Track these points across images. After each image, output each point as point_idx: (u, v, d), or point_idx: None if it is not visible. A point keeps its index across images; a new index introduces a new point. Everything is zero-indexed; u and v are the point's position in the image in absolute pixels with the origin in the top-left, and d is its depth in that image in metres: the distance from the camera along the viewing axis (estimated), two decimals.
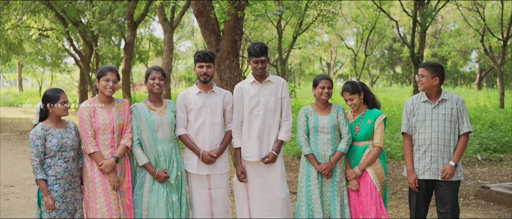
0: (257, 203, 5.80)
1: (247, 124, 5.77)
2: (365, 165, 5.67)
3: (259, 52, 5.69)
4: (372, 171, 5.66)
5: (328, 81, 5.79)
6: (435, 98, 5.54)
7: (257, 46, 5.71)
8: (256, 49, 5.69)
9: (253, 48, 5.72)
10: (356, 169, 5.70)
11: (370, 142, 5.72)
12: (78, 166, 5.42)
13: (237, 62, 10.19)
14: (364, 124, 5.73)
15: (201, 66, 5.71)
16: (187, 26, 38.96)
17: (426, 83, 5.50)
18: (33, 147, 5.11)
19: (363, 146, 5.72)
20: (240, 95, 5.79)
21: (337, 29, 32.51)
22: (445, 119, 5.47)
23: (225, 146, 5.84)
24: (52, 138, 5.19)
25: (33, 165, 5.12)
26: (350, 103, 5.76)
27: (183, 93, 5.85)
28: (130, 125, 5.55)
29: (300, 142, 5.81)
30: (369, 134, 5.71)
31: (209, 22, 9.91)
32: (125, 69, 19.87)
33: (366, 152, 5.70)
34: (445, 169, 5.42)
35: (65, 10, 19.30)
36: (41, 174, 5.11)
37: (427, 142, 5.51)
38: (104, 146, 5.38)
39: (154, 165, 5.51)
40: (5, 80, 57.15)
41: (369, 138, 5.72)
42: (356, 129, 5.76)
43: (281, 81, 5.89)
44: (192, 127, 5.73)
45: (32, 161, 5.13)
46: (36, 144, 5.11)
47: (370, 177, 5.65)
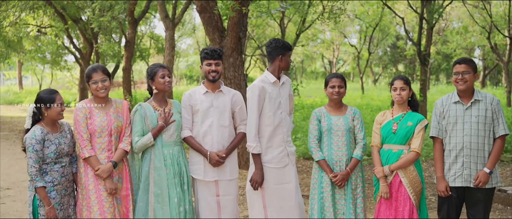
0: (275, 211, 5.37)
1: (271, 128, 5.33)
2: (397, 166, 5.20)
3: (291, 46, 5.43)
4: (406, 180, 5.20)
5: (339, 80, 5.41)
6: (468, 98, 5.10)
7: (287, 42, 5.42)
8: (289, 44, 5.42)
9: (285, 42, 5.41)
10: (386, 168, 5.23)
11: (406, 147, 5.25)
12: (72, 169, 5.08)
13: (241, 60, 9.89)
14: (404, 125, 5.26)
15: (209, 64, 5.34)
16: (188, 24, 38.61)
17: (470, 81, 5.04)
18: (33, 152, 4.75)
19: (397, 151, 5.26)
20: (263, 97, 5.31)
21: (340, 26, 32.15)
22: (479, 121, 5.02)
23: (235, 147, 5.45)
24: (50, 144, 4.86)
25: (32, 172, 4.76)
26: (398, 93, 5.27)
27: (188, 93, 5.46)
28: (130, 128, 5.19)
29: (310, 147, 5.44)
30: (407, 136, 5.24)
31: (213, 19, 9.67)
32: (126, 67, 19.51)
33: (401, 157, 5.25)
34: (478, 176, 4.98)
35: (64, 7, 18.96)
36: (41, 182, 4.76)
37: (459, 146, 5.07)
38: (100, 150, 5.01)
39: (158, 167, 5.13)
40: (5, 78, 56.80)
41: (405, 142, 5.25)
42: (393, 127, 5.29)
43: (289, 81, 5.60)
44: (199, 130, 5.35)
45: (30, 167, 4.76)
46: (36, 149, 4.76)
47: (404, 187, 5.21)
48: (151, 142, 5.13)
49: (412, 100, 5.42)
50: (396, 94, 5.29)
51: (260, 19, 24.58)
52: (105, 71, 5.10)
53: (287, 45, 5.38)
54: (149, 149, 5.19)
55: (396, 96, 5.30)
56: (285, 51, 5.36)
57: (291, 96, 5.59)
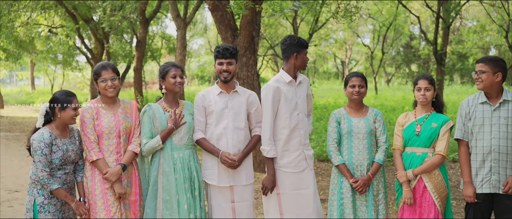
0: None
1: (288, 130, 5.04)
2: (422, 170, 4.89)
3: (306, 43, 5.11)
4: (431, 184, 4.90)
5: (360, 79, 5.13)
6: (495, 99, 4.79)
7: (303, 39, 5.12)
8: (306, 41, 5.12)
9: (305, 40, 5.12)
10: (409, 172, 4.93)
11: (430, 150, 4.94)
12: (76, 178, 4.84)
13: (255, 59, 9.68)
14: (428, 126, 4.95)
15: (221, 63, 5.07)
16: (200, 24, 38.44)
17: (486, 81, 4.73)
18: (41, 156, 4.50)
19: (421, 154, 4.95)
20: (278, 97, 5.03)
21: (353, 26, 31.83)
22: (508, 123, 4.69)
23: (250, 150, 5.15)
24: (57, 149, 4.61)
25: (43, 177, 4.51)
26: (423, 94, 4.96)
27: (202, 93, 5.18)
28: (139, 129, 4.94)
29: (329, 151, 5.15)
30: (431, 139, 4.93)
31: (225, 17, 9.50)
32: (137, 67, 19.34)
33: (425, 161, 4.94)
34: (508, 182, 4.65)
35: (76, 7, 18.82)
36: (54, 184, 4.54)
37: (486, 150, 4.75)
38: (108, 152, 4.77)
39: (167, 172, 4.85)
40: (18, 79, 56.97)
41: (429, 144, 4.94)
42: (417, 129, 4.97)
43: (307, 80, 5.29)
44: (213, 132, 5.06)
45: (40, 171, 4.51)
46: (45, 153, 4.51)
47: (428, 192, 4.90)
48: (160, 145, 4.86)
49: (437, 101, 5.12)
50: (420, 95, 4.99)
51: (273, 18, 24.30)
52: (115, 70, 4.86)
53: (303, 42, 5.08)
54: (158, 152, 4.93)
55: (420, 97, 5.00)
56: (300, 49, 5.06)
57: (310, 96, 5.30)
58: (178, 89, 5.02)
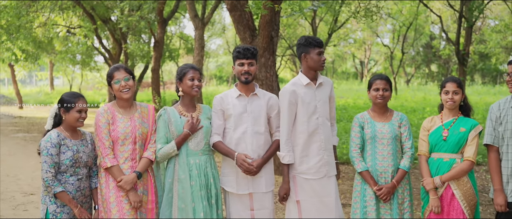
0: None
1: (306, 135, 4.81)
2: (450, 177, 4.65)
3: (322, 43, 4.85)
4: (459, 192, 4.65)
5: (384, 82, 4.89)
6: None
7: (317, 37, 4.87)
8: (319, 40, 4.84)
9: (315, 38, 4.86)
10: (436, 179, 4.68)
11: (458, 156, 4.70)
12: (89, 185, 4.66)
13: (274, 60, 9.53)
14: (456, 131, 4.70)
15: (242, 64, 4.84)
16: (218, 24, 38.33)
17: None
18: (47, 156, 4.36)
19: (449, 160, 4.70)
20: (294, 101, 4.81)
21: (372, 26, 31.50)
22: None
23: (271, 155, 4.92)
24: (66, 149, 4.45)
25: (47, 178, 4.36)
26: (451, 97, 4.71)
27: (220, 96, 4.97)
28: (155, 135, 4.74)
29: (352, 157, 4.93)
30: (459, 144, 4.69)
31: (243, 17, 9.34)
32: (155, 68, 19.25)
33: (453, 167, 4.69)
34: None
35: (94, 7, 18.78)
36: (59, 187, 4.37)
37: None
38: (123, 159, 4.58)
39: (183, 179, 4.64)
40: (38, 79, 57.38)
41: (457, 150, 4.69)
42: (444, 134, 4.73)
43: (330, 81, 5.03)
44: (231, 137, 4.85)
45: (45, 172, 4.37)
46: (51, 153, 4.36)
47: (457, 200, 4.66)
48: (174, 151, 4.66)
49: (464, 104, 4.87)
50: (447, 98, 4.74)
51: (291, 18, 24.11)
52: (127, 70, 4.69)
53: (311, 41, 4.81)
54: (173, 158, 4.73)
55: (447, 101, 4.75)
56: (308, 48, 4.80)
57: (333, 99, 5.03)
58: (195, 93, 4.81)
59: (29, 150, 13.94)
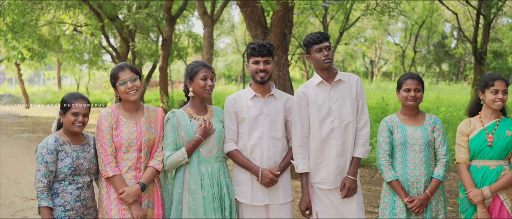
0: None
1: (318, 140, 4.34)
2: (500, 187, 4.16)
3: (320, 37, 4.31)
4: (510, 202, 4.18)
5: (416, 82, 4.38)
6: None
7: (316, 33, 4.37)
8: (317, 35, 4.33)
9: (313, 35, 4.36)
10: (485, 190, 4.18)
11: (505, 162, 4.22)
12: (93, 194, 4.19)
13: (287, 58, 9.15)
14: (501, 135, 4.21)
15: (257, 62, 4.35)
16: (227, 22, 37.94)
17: None
18: (41, 164, 3.93)
19: (495, 167, 4.22)
20: (303, 103, 4.37)
21: (384, 24, 30.99)
22: None
23: (287, 164, 4.45)
24: (65, 156, 4.00)
25: (38, 188, 3.92)
26: (501, 98, 4.24)
27: (232, 97, 4.48)
28: (163, 142, 4.26)
29: (380, 165, 4.42)
30: (507, 149, 4.20)
31: (255, 13, 9.00)
32: (163, 67, 18.88)
33: (502, 175, 4.20)
34: None
35: (101, 5, 18.40)
36: (46, 200, 3.91)
37: None
38: (126, 168, 4.10)
39: (194, 189, 4.16)
40: (46, 78, 57.19)
41: (504, 155, 4.21)
42: (489, 138, 4.22)
43: (354, 78, 4.46)
44: (246, 143, 4.37)
45: (37, 181, 3.94)
46: (46, 160, 3.93)
47: (507, 211, 4.17)
48: (185, 159, 4.18)
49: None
50: (497, 98, 4.24)
51: (302, 16, 23.68)
52: (133, 69, 4.20)
53: (309, 39, 4.35)
54: (182, 166, 4.25)
55: (496, 101, 4.26)
56: (308, 48, 4.37)
57: (360, 97, 4.42)
58: (207, 94, 4.33)
59: (33, 151, 13.44)
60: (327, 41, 4.32)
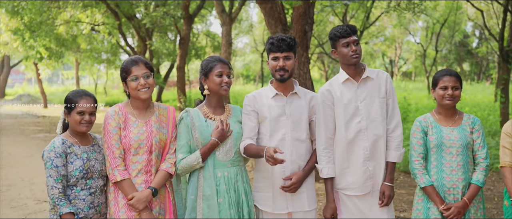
0: None
1: (344, 142, 4.00)
2: None
3: (348, 31, 3.95)
4: None
5: (454, 79, 4.02)
6: None
7: (343, 25, 4.01)
8: (344, 28, 3.97)
9: (340, 28, 4.00)
10: None
11: None
12: (107, 199, 3.87)
13: (307, 56, 8.84)
14: None
15: (276, 58, 3.99)
16: (245, 22, 37.67)
17: None
18: (52, 169, 3.61)
19: None
20: (328, 102, 4.04)
21: (404, 23, 30.48)
22: None
23: (312, 168, 4.08)
24: (75, 158, 3.69)
25: (54, 195, 3.62)
26: None
27: (252, 95, 4.12)
28: (175, 143, 3.94)
29: (413, 169, 4.05)
30: None
31: (275, 10, 8.69)
32: (180, 66, 18.63)
33: None
34: None
35: (118, 4, 18.22)
36: (66, 206, 3.60)
37: None
38: (136, 171, 3.77)
39: (208, 196, 3.83)
40: (64, 78, 57.45)
41: None
42: None
43: (383, 75, 4.10)
44: (267, 145, 3.95)
45: (50, 188, 3.63)
46: (55, 164, 3.61)
47: None
48: (199, 163, 3.85)
49: None
50: None
51: (321, 15, 23.30)
52: (148, 65, 3.87)
53: (335, 33, 4.00)
54: (196, 170, 3.92)
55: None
56: (334, 42, 4.03)
57: (390, 96, 4.07)
58: (224, 92, 3.98)
59: None
60: (355, 35, 3.98)
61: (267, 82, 38.32)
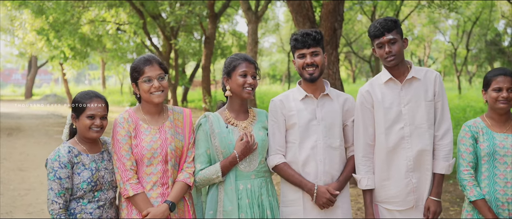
0: None
1: (384, 151, 3.60)
2: None
3: (381, 30, 3.53)
4: None
5: (509, 79, 3.55)
6: None
7: (377, 23, 3.58)
8: (376, 26, 3.55)
9: (372, 26, 3.60)
10: None
11: None
12: (117, 213, 3.49)
13: (337, 55, 8.53)
14: None
15: (303, 55, 3.58)
16: (271, 21, 37.30)
17: None
18: (55, 181, 3.24)
19: None
20: (368, 105, 3.64)
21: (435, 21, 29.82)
22: None
23: (347, 179, 3.67)
24: (82, 169, 3.31)
25: (53, 210, 3.25)
26: None
27: (279, 99, 3.69)
28: (194, 150, 3.54)
29: (462, 180, 3.59)
30: None
31: (303, 7, 8.45)
32: (205, 65, 18.28)
33: None
34: None
35: (143, 4, 18.00)
36: None
37: None
38: (150, 184, 3.38)
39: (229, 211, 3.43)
40: (91, 78, 57.74)
41: None
42: None
43: (432, 74, 3.65)
44: (296, 154, 3.58)
45: (51, 203, 3.25)
46: (59, 176, 3.24)
47: None
48: (218, 177, 3.45)
49: None
50: None
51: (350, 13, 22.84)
52: (162, 65, 3.48)
53: (369, 32, 3.62)
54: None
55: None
56: (372, 41, 3.65)
57: (439, 102, 3.63)
58: (246, 94, 3.56)
59: None
60: (391, 32, 3.53)
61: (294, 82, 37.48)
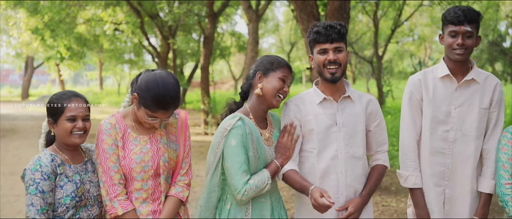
0: None
1: (426, 151, 3.24)
2: None
3: (462, 17, 3.08)
4: None
5: None
6: None
7: (458, 9, 3.11)
8: (457, 12, 3.09)
9: (451, 10, 3.14)
10: None
11: None
12: None
13: None
14: None
15: (324, 51, 3.08)
16: (271, 21, 37.11)
17: None
18: (36, 196, 2.74)
19: None
20: (417, 95, 3.26)
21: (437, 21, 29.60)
22: None
23: (372, 192, 3.18)
24: (65, 181, 2.83)
25: None
26: None
27: (294, 103, 3.22)
28: (189, 159, 3.06)
29: (504, 195, 3.12)
30: None
31: (307, 5, 8.08)
32: (204, 66, 17.88)
33: None
34: None
35: (140, 3, 17.67)
36: None
37: None
38: (140, 200, 2.94)
39: None
40: (88, 79, 57.47)
41: None
42: None
43: (493, 81, 3.26)
44: (314, 165, 3.13)
45: None
46: (41, 189, 2.74)
47: None
48: (267, 185, 2.96)
49: None
50: None
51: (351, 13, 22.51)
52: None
53: (447, 16, 3.17)
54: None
55: None
56: (443, 25, 3.21)
57: (494, 109, 3.24)
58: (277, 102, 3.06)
59: None
60: (470, 24, 3.10)
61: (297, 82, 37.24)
